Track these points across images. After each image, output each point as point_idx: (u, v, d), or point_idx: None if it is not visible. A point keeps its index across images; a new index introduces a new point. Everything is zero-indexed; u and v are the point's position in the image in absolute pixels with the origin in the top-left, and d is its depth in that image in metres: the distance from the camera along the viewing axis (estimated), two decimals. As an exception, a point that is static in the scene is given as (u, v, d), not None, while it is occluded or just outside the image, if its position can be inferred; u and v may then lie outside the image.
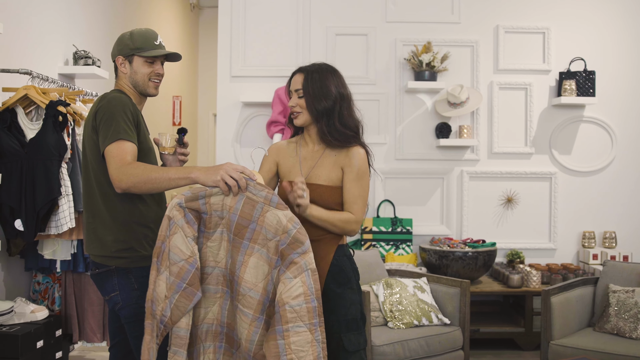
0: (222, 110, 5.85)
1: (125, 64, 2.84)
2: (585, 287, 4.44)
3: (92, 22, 5.48)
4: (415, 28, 5.80)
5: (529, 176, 5.82)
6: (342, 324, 2.69)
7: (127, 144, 2.59)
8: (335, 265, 2.73)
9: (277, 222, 2.41)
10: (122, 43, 2.85)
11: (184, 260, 2.44)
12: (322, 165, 2.78)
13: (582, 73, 5.66)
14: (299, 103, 2.76)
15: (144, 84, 2.85)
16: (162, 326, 2.47)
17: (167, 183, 2.51)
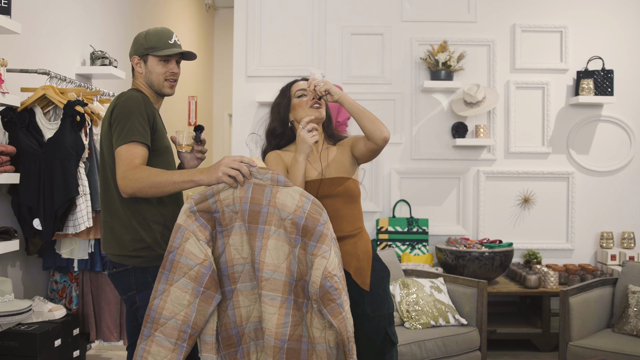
0: (238, 110, 5.86)
1: (141, 63, 2.84)
2: (604, 287, 4.40)
3: (109, 22, 5.50)
4: (431, 27, 5.78)
5: (546, 176, 5.78)
6: (386, 319, 2.73)
7: (138, 147, 2.59)
8: (376, 260, 2.78)
9: (290, 199, 2.42)
10: (137, 43, 2.85)
11: (199, 265, 2.44)
12: (338, 158, 2.84)
13: (600, 72, 5.62)
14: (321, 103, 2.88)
15: (159, 84, 2.84)
16: (189, 330, 2.45)
17: (171, 187, 2.51)
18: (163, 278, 2.45)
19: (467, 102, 5.56)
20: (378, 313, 2.70)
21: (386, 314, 2.72)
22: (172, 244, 2.45)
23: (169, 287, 2.44)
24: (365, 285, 2.70)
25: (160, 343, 2.44)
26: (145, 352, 2.45)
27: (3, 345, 3.64)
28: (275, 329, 2.42)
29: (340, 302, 2.38)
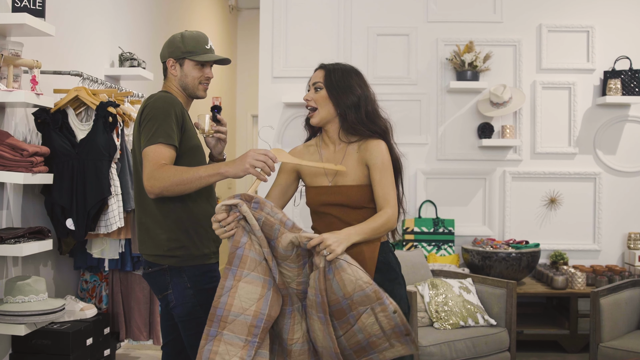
0: (264, 111, 5.88)
1: (176, 66, 2.85)
2: (634, 288, 4.37)
3: (137, 24, 5.55)
4: (457, 28, 5.77)
5: (573, 176, 5.75)
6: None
7: (164, 148, 2.60)
8: (382, 263, 2.69)
9: (288, 243, 2.42)
10: (173, 45, 2.85)
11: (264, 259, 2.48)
12: (346, 165, 2.72)
13: (628, 72, 5.58)
14: (314, 97, 2.74)
15: (193, 87, 2.86)
16: (262, 324, 2.40)
17: (198, 182, 2.53)
18: (230, 274, 2.40)
19: (493, 102, 5.54)
20: None
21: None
22: (240, 240, 2.43)
23: (237, 283, 2.39)
24: None
25: (229, 341, 2.37)
26: (212, 353, 2.35)
27: (37, 343, 3.69)
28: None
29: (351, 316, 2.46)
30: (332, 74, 2.74)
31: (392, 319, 2.41)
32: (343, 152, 2.75)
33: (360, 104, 2.71)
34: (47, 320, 3.52)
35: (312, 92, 2.75)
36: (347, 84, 2.72)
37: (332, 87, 2.71)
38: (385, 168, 2.67)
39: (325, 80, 2.73)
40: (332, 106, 2.72)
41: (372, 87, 2.80)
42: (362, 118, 2.70)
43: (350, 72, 2.78)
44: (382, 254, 2.71)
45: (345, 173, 2.70)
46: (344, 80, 2.73)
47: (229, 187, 9.11)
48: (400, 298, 2.67)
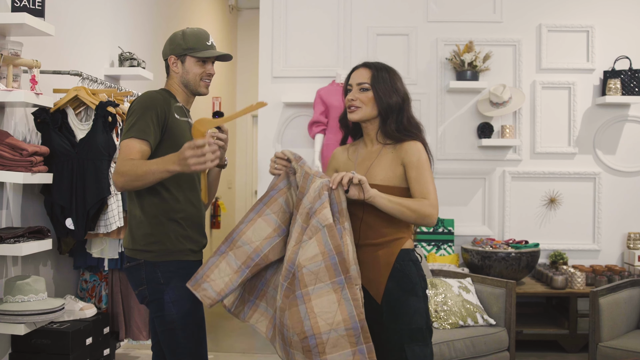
0: (264, 111, 5.89)
1: (178, 63, 2.85)
2: (633, 288, 4.37)
3: (137, 24, 5.55)
4: (456, 28, 5.78)
5: (573, 176, 5.75)
6: (405, 334, 2.53)
7: (136, 143, 2.60)
8: (398, 270, 2.57)
9: (318, 185, 2.45)
10: (174, 42, 2.85)
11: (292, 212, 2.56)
12: (379, 164, 2.65)
13: (627, 72, 5.58)
14: (360, 97, 2.66)
15: (195, 84, 2.86)
16: (257, 259, 2.53)
17: (151, 177, 2.53)
18: (257, 208, 2.56)
19: (493, 102, 5.55)
20: (393, 326, 2.53)
21: (405, 329, 2.53)
22: (278, 184, 2.56)
23: (257, 218, 2.54)
24: (377, 296, 2.56)
25: (229, 262, 2.53)
26: (213, 266, 2.54)
27: (36, 343, 3.69)
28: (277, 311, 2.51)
29: (298, 294, 2.32)
30: (380, 73, 2.67)
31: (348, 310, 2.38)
32: (378, 151, 2.69)
33: (403, 107, 2.66)
34: (46, 320, 3.52)
35: (355, 91, 2.68)
36: (394, 86, 2.66)
37: (380, 87, 2.64)
38: (422, 166, 2.59)
39: (372, 81, 2.66)
40: (376, 107, 2.66)
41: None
42: (402, 122, 2.65)
43: (395, 73, 2.72)
44: (400, 262, 2.59)
45: (375, 172, 2.63)
46: (390, 81, 2.67)
47: (229, 187, 9.12)
48: (415, 311, 2.55)
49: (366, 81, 2.66)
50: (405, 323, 2.53)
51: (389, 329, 2.53)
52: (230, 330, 5.85)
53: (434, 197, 2.55)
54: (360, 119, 2.68)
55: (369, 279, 2.56)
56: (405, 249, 2.61)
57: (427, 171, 2.59)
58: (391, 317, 2.53)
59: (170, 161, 2.49)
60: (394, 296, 2.54)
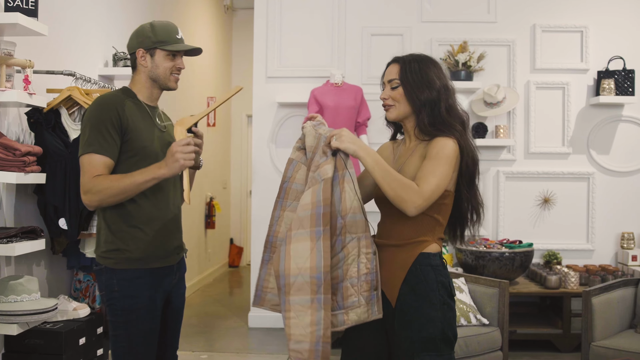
0: (258, 111, 5.90)
1: (147, 57, 2.72)
2: (626, 288, 4.38)
3: (131, 24, 5.54)
4: (451, 28, 5.79)
5: (567, 176, 5.76)
6: (416, 343, 2.38)
7: (98, 158, 2.55)
8: (414, 275, 2.43)
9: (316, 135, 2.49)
10: (142, 35, 2.72)
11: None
12: (410, 161, 2.50)
13: (621, 72, 5.60)
14: (392, 95, 2.51)
15: (165, 78, 2.75)
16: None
17: (136, 188, 2.51)
18: (278, 205, 2.57)
19: (487, 102, 5.56)
20: (404, 333, 2.41)
21: (416, 337, 2.38)
22: (286, 175, 2.57)
23: (282, 213, 2.54)
24: (391, 299, 2.45)
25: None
26: (267, 275, 2.55)
27: (29, 343, 3.68)
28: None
29: (287, 234, 2.38)
30: (408, 66, 2.49)
31: (371, 260, 2.38)
32: (413, 149, 2.53)
33: (439, 99, 2.46)
34: (39, 320, 3.51)
35: (387, 89, 2.53)
36: (426, 78, 2.47)
37: (408, 82, 2.47)
38: (439, 157, 2.38)
39: (400, 76, 2.49)
40: (408, 103, 2.49)
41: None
42: (439, 116, 2.45)
43: (428, 62, 2.52)
44: (418, 265, 2.44)
45: (406, 169, 2.49)
46: (421, 73, 2.48)
47: (223, 187, 9.12)
48: (429, 319, 2.39)
49: (395, 77, 2.50)
50: (416, 331, 2.39)
51: (400, 335, 2.42)
52: (224, 330, 5.86)
53: (428, 188, 2.32)
54: (396, 117, 2.55)
55: (385, 280, 2.46)
56: (425, 253, 2.44)
57: (441, 165, 2.36)
58: (402, 323, 2.42)
59: (156, 167, 2.49)
60: (407, 302, 2.42)
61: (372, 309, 2.38)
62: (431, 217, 2.45)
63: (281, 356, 5.07)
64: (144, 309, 2.65)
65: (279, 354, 5.14)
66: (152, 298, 2.68)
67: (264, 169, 5.90)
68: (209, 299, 7.21)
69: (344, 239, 2.38)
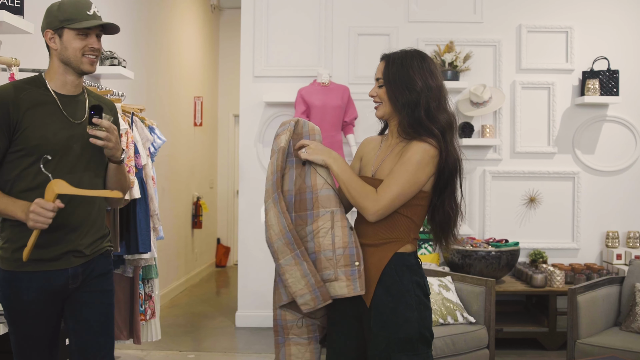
0: (245, 110, 5.89)
1: (55, 38, 2.51)
2: (611, 286, 4.42)
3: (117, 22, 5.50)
4: (437, 28, 5.81)
5: (552, 176, 5.80)
6: (392, 343, 2.37)
7: None
8: (389, 276, 2.42)
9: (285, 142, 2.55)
10: (50, 15, 2.52)
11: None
12: (389, 159, 2.49)
13: (606, 72, 5.64)
14: (379, 93, 2.50)
15: (76, 60, 2.50)
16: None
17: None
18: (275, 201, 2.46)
19: (473, 102, 5.59)
20: (381, 333, 2.39)
21: (393, 337, 2.38)
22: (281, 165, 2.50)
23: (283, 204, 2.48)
24: (366, 299, 2.43)
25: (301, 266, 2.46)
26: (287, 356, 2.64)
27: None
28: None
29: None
30: (391, 66, 2.46)
31: (348, 235, 2.41)
32: (392, 147, 2.51)
33: (419, 102, 2.40)
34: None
35: (375, 87, 2.52)
36: (405, 79, 2.42)
37: (389, 83, 2.45)
38: (407, 163, 2.37)
39: (384, 75, 2.47)
40: (390, 103, 2.48)
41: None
42: (418, 118, 2.40)
43: (412, 61, 2.45)
44: (393, 265, 2.42)
45: (384, 167, 2.48)
46: (401, 74, 2.43)
47: (210, 187, 9.10)
48: (405, 320, 2.39)
49: (381, 76, 2.49)
50: (392, 331, 2.38)
51: (377, 336, 2.40)
52: (211, 330, 5.85)
53: (388, 197, 2.35)
54: (382, 115, 2.53)
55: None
56: (400, 253, 2.43)
57: (408, 173, 2.36)
58: (379, 324, 2.40)
59: (19, 208, 2.36)
60: (382, 302, 2.41)
61: (354, 284, 2.41)
62: (406, 217, 2.44)
63: (268, 355, 5.07)
64: (24, 311, 2.53)
65: (266, 353, 5.14)
66: (34, 301, 2.53)
67: (251, 169, 5.90)
68: (196, 299, 7.19)
69: (317, 213, 2.45)
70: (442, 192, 2.47)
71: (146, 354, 5.05)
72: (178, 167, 7.39)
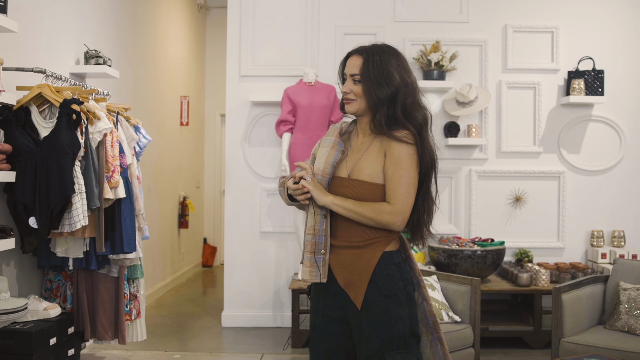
0: (231, 110, 5.88)
1: None
2: (595, 285, 4.44)
3: (103, 22, 5.50)
4: (423, 27, 5.82)
5: (538, 175, 5.83)
6: (386, 342, 2.38)
7: None
8: (380, 276, 2.42)
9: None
10: None
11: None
12: (366, 158, 2.46)
13: (591, 72, 5.67)
14: (354, 90, 2.45)
15: None
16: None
17: None
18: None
19: (459, 101, 5.60)
20: (374, 333, 2.39)
21: (386, 337, 2.38)
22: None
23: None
24: (357, 301, 2.42)
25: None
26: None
27: (-1, 343, 3.64)
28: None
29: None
30: (371, 61, 2.42)
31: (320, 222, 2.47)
32: (367, 144, 2.49)
33: (397, 97, 2.40)
34: (9, 320, 3.48)
35: (350, 83, 2.46)
36: (385, 74, 2.40)
37: (369, 79, 2.41)
38: (401, 162, 2.38)
39: (362, 71, 2.43)
40: (366, 100, 2.44)
41: (411, 72, 2.47)
42: (395, 114, 2.41)
43: (390, 56, 2.44)
44: (382, 265, 2.43)
45: (362, 166, 2.45)
46: (380, 69, 2.40)
47: (197, 187, 9.08)
48: (398, 318, 2.40)
49: (357, 72, 2.44)
50: (386, 330, 2.38)
51: (370, 337, 2.40)
52: (197, 330, 5.83)
53: (400, 202, 2.37)
54: (355, 112, 2.49)
55: (350, 282, 2.44)
56: (388, 252, 2.44)
57: (404, 169, 2.38)
58: (372, 325, 2.40)
59: None
60: (374, 302, 2.40)
61: (317, 271, 2.47)
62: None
63: (254, 355, 5.06)
64: None
65: (252, 353, 5.13)
66: None
67: (237, 168, 5.89)
68: (182, 299, 7.17)
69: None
70: (420, 188, 2.48)
71: (131, 354, 5.03)
72: (164, 166, 7.36)
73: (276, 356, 5.06)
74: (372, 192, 2.43)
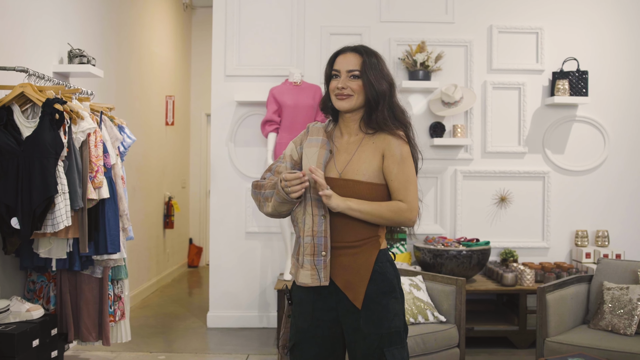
0: (217, 110, 5.86)
1: None
2: (579, 284, 4.46)
3: (87, 21, 5.46)
4: (409, 28, 5.83)
5: (522, 175, 5.85)
6: (385, 338, 2.42)
7: None
8: (378, 273, 2.45)
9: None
10: None
11: None
12: (360, 158, 2.47)
13: (575, 73, 5.70)
14: (351, 85, 2.47)
15: None
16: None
17: None
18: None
19: (444, 102, 5.61)
20: (373, 331, 2.42)
21: (385, 333, 2.42)
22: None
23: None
24: (357, 301, 2.43)
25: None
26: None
27: (-20, 345, 3.60)
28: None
29: None
30: (369, 59, 2.49)
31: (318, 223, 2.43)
32: (358, 143, 2.51)
33: (391, 93, 2.50)
34: (-10, 321, 3.45)
35: (345, 79, 2.48)
36: (383, 72, 2.49)
37: (371, 75, 2.46)
38: (405, 161, 2.44)
39: (362, 67, 2.47)
40: (364, 96, 2.48)
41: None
42: (390, 112, 2.49)
43: (381, 56, 2.56)
44: (379, 263, 2.46)
45: (357, 167, 2.46)
46: (380, 67, 2.50)
47: (182, 187, 9.04)
48: (395, 314, 2.46)
49: (357, 68, 2.47)
50: (385, 327, 2.43)
51: (369, 334, 2.42)
52: (182, 330, 5.80)
53: (413, 197, 2.43)
54: (350, 108, 2.49)
55: (349, 283, 2.44)
56: (383, 250, 2.49)
57: (409, 167, 2.45)
58: (371, 322, 2.43)
59: None
60: (374, 300, 2.43)
61: (319, 275, 2.43)
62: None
63: (239, 356, 5.04)
64: None
65: (237, 353, 5.11)
66: None
67: (223, 168, 5.87)
68: (168, 299, 7.14)
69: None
70: None
71: (116, 355, 5.00)
72: (149, 166, 7.33)
73: (262, 357, 5.05)
74: (372, 192, 2.44)
